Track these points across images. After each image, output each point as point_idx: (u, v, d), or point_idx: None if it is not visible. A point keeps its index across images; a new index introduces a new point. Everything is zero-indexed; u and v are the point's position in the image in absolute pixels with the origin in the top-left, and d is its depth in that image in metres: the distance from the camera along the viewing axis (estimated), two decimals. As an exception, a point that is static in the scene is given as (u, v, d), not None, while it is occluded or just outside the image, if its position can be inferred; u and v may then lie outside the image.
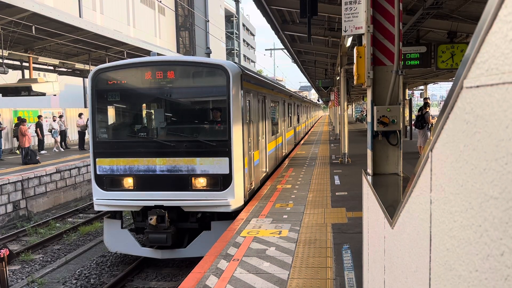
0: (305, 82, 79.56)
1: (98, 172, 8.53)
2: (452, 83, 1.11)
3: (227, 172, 8.10)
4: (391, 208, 2.54)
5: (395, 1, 4.24)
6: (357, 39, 5.42)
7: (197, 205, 8.17)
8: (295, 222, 7.49)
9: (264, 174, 11.90)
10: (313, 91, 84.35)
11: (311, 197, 9.57)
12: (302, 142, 24.96)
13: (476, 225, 0.92)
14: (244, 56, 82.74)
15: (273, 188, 10.73)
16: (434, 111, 37.21)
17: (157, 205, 8.16)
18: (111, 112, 9.11)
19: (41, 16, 13.32)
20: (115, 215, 9.02)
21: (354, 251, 5.80)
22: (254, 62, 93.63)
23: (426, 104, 15.63)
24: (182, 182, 8.20)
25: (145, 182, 8.31)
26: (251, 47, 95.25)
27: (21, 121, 17.50)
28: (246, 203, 8.83)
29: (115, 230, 8.82)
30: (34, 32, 14.23)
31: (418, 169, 1.51)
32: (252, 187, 9.82)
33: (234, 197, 8.14)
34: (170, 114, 9.35)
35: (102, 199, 8.54)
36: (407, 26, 9.54)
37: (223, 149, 8.12)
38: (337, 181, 11.47)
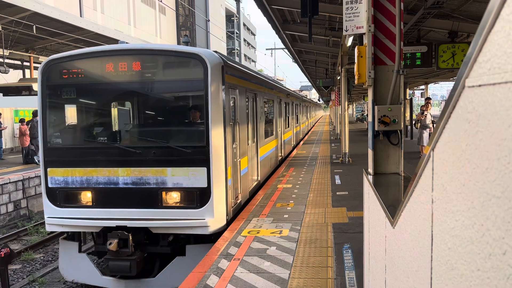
0: (305, 81, 79.56)
1: (50, 185, 7.14)
2: (453, 82, 1.11)
3: (205, 185, 6.72)
4: (392, 207, 2.54)
5: (396, 0, 4.24)
6: (358, 39, 5.42)
7: (168, 226, 6.80)
8: (295, 221, 7.50)
9: (256, 183, 10.50)
10: (313, 90, 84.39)
11: (312, 196, 9.57)
12: (301, 143, 24.78)
13: (478, 224, 0.92)
14: (245, 55, 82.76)
15: (274, 188, 10.73)
16: (434, 111, 37.18)
17: (119, 225, 6.79)
18: (65, 112, 7.70)
19: (42, 16, 13.34)
20: (73, 236, 7.59)
21: (355, 251, 5.80)
22: (254, 61, 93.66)
23: (426, 104, 15.70)
24: (150, 197, 6.84)
25: (106, 197, 6.99)
26: (252, 46, 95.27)
27: (20, 121, 17.52)
28: (229, 222, 7.41)
29: (72, 254, 7.42)
30: (35, 32, 14.25)
31: (420, 169, 1.51)
32: (238, 201, 8.32)
33: (213, 216, 6.75)
34: (135, 114, 8.04)
35: (54, 217, 7.14)
36: (408, 25, 9.53)
37: (200, 157, 6.74)
38: (337, 181, 11.47)
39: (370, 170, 4.50)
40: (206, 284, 4.95)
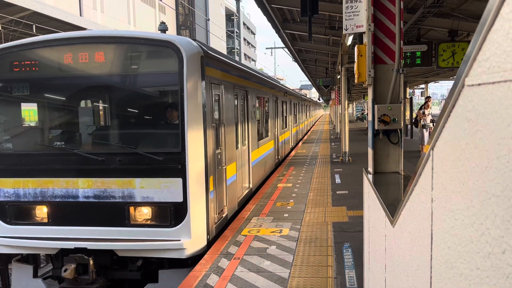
0: (305, 80, 79.63)
1: None
2: (453, 81, 1.11)
3: (180, 199, 5.70)
4: (392, 206, 2.54)
5: (396, -1, 4.24)
6: (358, 38, 5.42)
7: (136, 248, 5.75)
8: (295, 220, 7.50)
9: (247, 191, 9.40)
10: (313, 89, 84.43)
11: (312, 195, 9.58)
12: (301, 143, 24.66)
13: (477, 223, 0.92)
14: (245, 54, 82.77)
15: (274, 187, 10.74)
16: (434, 110, 37.24)
17: (78, 247, 5.74)
18: (17, 111, 6.63)
19: (41, 15, 13.34)
20: (27, 257, 6.50)
21: (355, 250, 5.81)
22: (255, 60, 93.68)
23: (425, 103, 15.75)
24: (115, 214, 5.83)
25: (63, 213, 5.96)
26: (252, 45, 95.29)
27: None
28: (211, 242, 6.34)
29: (26, 279, 6.39)
30: (34, 31, 14.24)
31: (419, 167, 1.51)
32: (224, 215, 7.18)
33: (190, 237, 5.69)
34: (98, 114, 6.97)
35: (3, 236, 6.10)
36: (408, 24, 9.53)
37: (174, 166, 5.71)
38: (337, 180, 11.48)
39: (370, 169, 4.50)
40: (206, 283, 4.95)
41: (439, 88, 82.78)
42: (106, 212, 5.85)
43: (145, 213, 5.81)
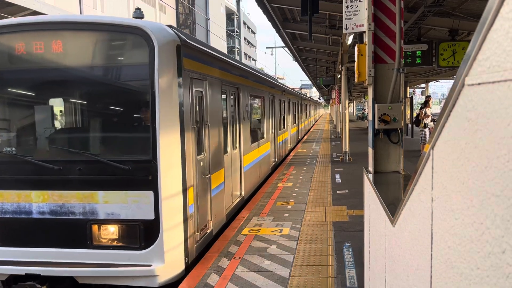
0: (306, 80, 79.65)
1: None
2: (453, 81, 1.11)
3: (151, 216, 4.85)
4: (392, 206, 2.54)
5: (396, -2, 4.23)
6: (358, 37, 5.42)
7: (100, 275, 4.88)
8: (296, 220, 7.50)
9: (238, 200, 8.51)
10: (314, 89, 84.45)
11: (312, 195, 9.58)
12: (300, 145, 24.40)
13: (477, 223, 0.92)
14: (245, 54, 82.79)
15: (274, 186, 10.74)
16: (435, 109, 37.16)
17: (29, 274, 4.88)
18: None
19: (41, 15, 13.35)
20: None
21: (355, 249, 5.81)
22: (255, 60, 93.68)
23: (425, 102, 15.75)
24: (75, 233, 4.98)
25: (14, 232, 5.08)
26: (252, 45, 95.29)
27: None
28: (191, 266, 5.45)
29: None
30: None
31: (420, 167, 1.51)
32: (209, 231, 6.27)
33: (163, 261, 4.85)
34: (55, 115, 5.99)
35: None
36: (409, 24, 9.53)
37: (144, 176, 4.84)
38: (338, 179, 11.48)
39: (370, 168, 4.50)
40: (206, 283, 4.95)
41: (440, 88, 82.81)
42: (64, 231, 5.01)
43: (110, 232, 4.97)
